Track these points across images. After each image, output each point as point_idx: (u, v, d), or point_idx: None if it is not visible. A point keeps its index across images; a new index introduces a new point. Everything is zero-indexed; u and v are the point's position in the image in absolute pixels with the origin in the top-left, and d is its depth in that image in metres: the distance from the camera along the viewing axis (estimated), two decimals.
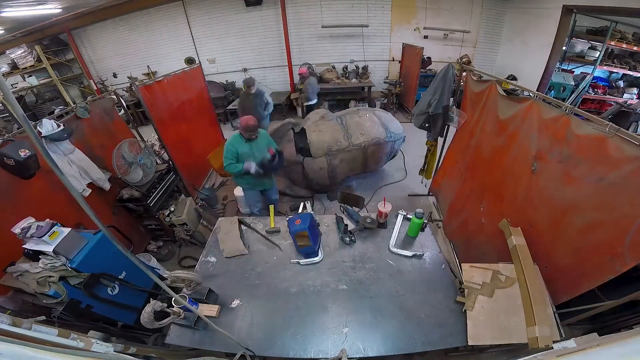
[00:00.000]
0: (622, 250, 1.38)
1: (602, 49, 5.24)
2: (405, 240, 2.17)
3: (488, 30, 7.01)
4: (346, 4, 6.71)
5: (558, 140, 1.76)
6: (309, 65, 6.94)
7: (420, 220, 2.07)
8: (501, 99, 2.37)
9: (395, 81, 7.08)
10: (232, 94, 7.39)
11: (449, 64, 2.97)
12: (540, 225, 1.90)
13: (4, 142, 2.14)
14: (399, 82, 7.03)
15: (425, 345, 1.52)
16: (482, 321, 1.57)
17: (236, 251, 2.12)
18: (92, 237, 2.12)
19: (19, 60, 6.86)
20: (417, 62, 6.19)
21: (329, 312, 1.71)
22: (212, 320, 1.47)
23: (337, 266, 1.99)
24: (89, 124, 2.95)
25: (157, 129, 3.45)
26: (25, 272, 1.82)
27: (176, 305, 1.42)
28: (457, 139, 3.33)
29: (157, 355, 1.64)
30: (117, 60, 7.58)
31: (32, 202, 2.29)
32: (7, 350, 0.79)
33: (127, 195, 2.96)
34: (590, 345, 1.01)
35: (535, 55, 5.88)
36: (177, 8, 6.79)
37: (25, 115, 0.53)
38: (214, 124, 5.37)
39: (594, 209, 1.53)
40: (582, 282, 1.60)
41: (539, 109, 1.94)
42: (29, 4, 4.83)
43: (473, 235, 2.67)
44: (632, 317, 1.96)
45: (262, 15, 6.85)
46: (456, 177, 3.21)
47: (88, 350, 1.16)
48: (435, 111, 3.10)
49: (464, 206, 2.90)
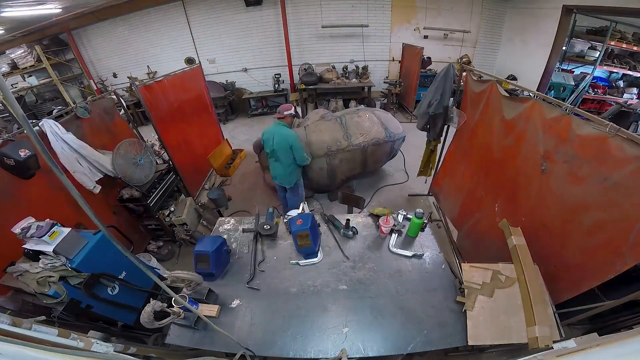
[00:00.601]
0: (624, 250, 1.39)
1: (602, 49, 5.25)
2: (405, 240, 2.17)
3: (488, 30, 7.02)
4: (346, 4, 6.71)
5: (562, 140, 1.77)
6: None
7: (420, 220, 2.07)
8: (504, 99, 2.38)
9: (395, 81, 7.07)
10: (232, 94, 7.39)
11: (450, 63, 2.96)
12: (553, 225, 1.89)
13: (4, 142, 2.15)
14: (399, 82, 7.03)
15: (425, 345, 1.52)
16: (482, 321, 1.57)
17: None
18: (92, 237, 2.12)
19: (19, 60, 6.86)
20: (417, 62, 6.19)
21: (329, 312, 1.71)
22: (212, 320, 1.48)
23: (337, 266, 1.99)
24: (89, 124, 2.95)
25: (157, 129, 3.45)
26: (25, 272, 1.82)
27: (176, 305, 1.41)
28: (457, 139, 3.32)
29: (157, 355, 1.64)
30: (117, 60, 7.58)
31: (32, 202, 2.30)
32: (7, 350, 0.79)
33: (127, 195, 2.96)
34: (590, 345, 1.01)
35: (535, 55, 5.88)
36: (177, 8, 6.79)
37: (25, 115, 0.53)
38: (214, 124, 5.38)
39: (599, 209, 1.54)
40: (584, 280, 1.60)
41: (541, 109, 1.94)
42: (29, 4, 4.83)
43: (485, 235, 2.66)
44: (632, 317, 1.96)
45: (262, 15, 6.85)
46: (460, 178, 3.21)
47: (88, 350, 1.16)
48: (436, 111, 3.10)
49: (479, 207, 2.86)
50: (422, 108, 3.26)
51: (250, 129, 6.98)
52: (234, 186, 4.78)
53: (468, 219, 3.04)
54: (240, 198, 4.41)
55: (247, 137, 6.51)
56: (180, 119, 4.12)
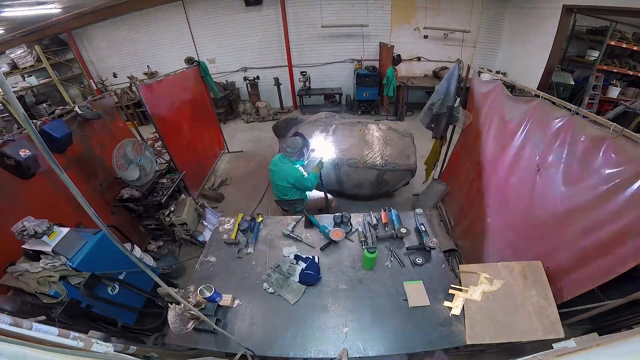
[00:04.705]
0: (624, 251, 1.39)
1: (602, 49, 5.24)
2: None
3: (488, 30, 7.00)
4: (346, 3, 6.70)
5: (563, 140, 1.77)
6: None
7: (373, 254, 1.86)
8: (507, 99, 2.38)
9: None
10: (232, 93, 7.39)
11: (456, 64, 2.94)
12: (544, 225, 1.90)
13: (4, 142, 2.14)
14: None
15: (425, 345, 1.52)
16: (479, 320, 1.58)
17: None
18: (91, 237, 2.12)
19: (18, 60, 6.86)
20: (389, 60, 6.15)
21: (329, 312, 1.71)
22: (225, 310, 1.50)
23: (337, 266, 1.99)
24: (90, 124, 2.94)
25: (157, 128, 3.45)
26: (26, 272, 1.82)
27: (201, 295, 1.55)
28: (463, 139, 3.33)
29: (157, 355, 1.63)
30: (117, 60, 7.57)
31: (32, 202, 2.29)
32: (7, 350, 0.79)
33: (127, 195, 2.96)
34: (590, 345, 1.01)
35: (535, 55, 5.87)
36: (177, 8, 6.78)
37: (26, 114, 0.53)
38: (214, 123, 5.38)
39: (598, 209, 1.54)
40: (584, 281, 1.60)
41: (544, 110, 1.94)
42: (29, 4, 4.83)
43: (479, 235, 2.68)
44: (632, 317, 1.96)
45: (262, 15, 6.84)
46: (464, 178, 3.22)
47: (88, 350, 1.16)
48: (439, 111, 3.09)
49: (472, 206, 2.89)
50: (427, 106, 3.25)
51: (250, 129, 6.98)
52: (235, 186, 4.78)
53: (465, 219, 3.05)
54: (240, 198, 4.41)
55: (247, 137, 6.51)
56: (181, 118, 4.11)
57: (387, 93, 6.33)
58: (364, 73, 6.73)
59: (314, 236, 2.24)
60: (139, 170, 2.95)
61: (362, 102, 7.08)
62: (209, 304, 1.65)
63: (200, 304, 1.61)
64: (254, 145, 6.09)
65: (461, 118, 3.09)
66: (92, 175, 2.86)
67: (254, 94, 7.52)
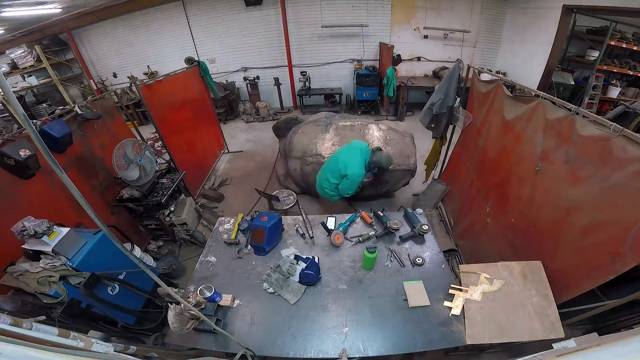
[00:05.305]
0: (624, 251, 1.38)
1: (602, 49, 5.24)
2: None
3: (488, 30, 7.00)
4: (346, 3, 6.70)
5: (564, 140, 1.77)
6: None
7: (373, 254, 1.86)
8: (507, 99, 2.38)
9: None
10: (232, 93, 7.39)
11: (456, 63, 2.94)
12: (544, 225, 1.90)
13: (4, 142, 2.14)
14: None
15: (425, 345, 1.52)
16: (479, 320, 1.58)
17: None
18: (91, 237, 2.12)
19: (18, 60, 6.85)
20: (389, 59, 6.15)
21: (329, 312, 1.71)
22: (224, 309, 1.55)
23: (337, 266, 1.99)
24: (90, 124, 2.94)
25: (158, 128, 3.45)
26: (26, 271, 1.82)
27: (201, 295, 1.53)
28: (463, 139, 3.33)
29: (157, 355, 1.64)
30: (117, 60, 7.57)
31: (32, 202, 2.29)
32: (7, 350, 0.79)
33: (127, 195, 2.96)
34: (590, 345, 1.01)
35: (535, 55, 5.87)
36: (177, 8, 6.78)
37: (25, 114, 0.53)
38: (214, 123, 5.38)
39: (597, 209, 1.54)
40: (584, 281, 1.60)
41: (545, 110, 1.94)
42: (29, 4, 4.82)
43: (479, 235, 2.68)
44: (632, 317, 1.96)
45: (262, 15, 6.84)
46: (464, 178, 3.22)
47: (88, 350, 1.16)
48: (439, 111, 3.09)
49: (472, 206, 2.90)
50: (427, 105, 3.25)
51: (250, 129, 6.98)
52: (235, 186, 4.78)
53: (465, 218, 3.06)
54: (240, 198, 4.41)
55: (247, 137, 6.51)
56: (181, 118, 4.11)
57: (387, 93, 6.32)
58: (364, 73, 6.73)
59: (318, 236, 2.24)
60: (139, 170, 2.94)
61: (362, 102, 7.07)
62: (209, 304, 1.65)
63: (200, 304, 1.61)
64: (254, 145, 6.10)
65: (461, 118, 3.09)
66: (92, 175, 2.86)
67: (254, 94, 7.53)
